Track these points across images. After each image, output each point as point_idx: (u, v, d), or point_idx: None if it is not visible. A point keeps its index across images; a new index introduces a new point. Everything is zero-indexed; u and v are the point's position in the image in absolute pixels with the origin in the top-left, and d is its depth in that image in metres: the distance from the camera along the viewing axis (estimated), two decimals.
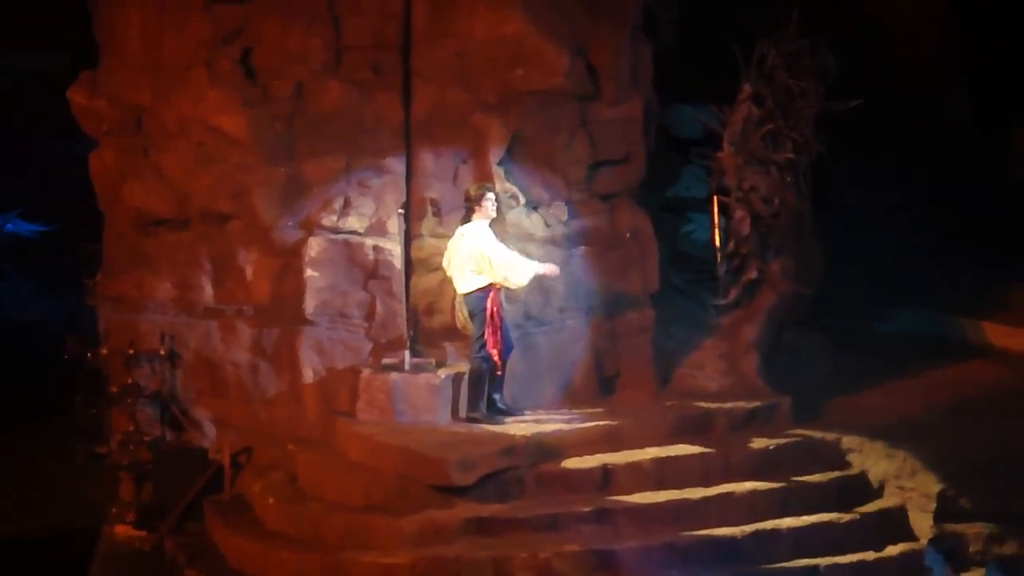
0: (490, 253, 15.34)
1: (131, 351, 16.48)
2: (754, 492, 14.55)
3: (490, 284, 15.38)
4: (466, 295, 15.53)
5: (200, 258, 16.55)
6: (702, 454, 15.04)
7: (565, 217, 16.60)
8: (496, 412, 15.45)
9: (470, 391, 15.51)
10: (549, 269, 15.63)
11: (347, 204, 16.12)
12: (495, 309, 15.36)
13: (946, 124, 21.80)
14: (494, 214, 15.63)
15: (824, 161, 18.71)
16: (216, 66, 16.25)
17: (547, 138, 16.45)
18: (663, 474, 14.74)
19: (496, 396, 15.54)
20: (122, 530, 15.98)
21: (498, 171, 16.16)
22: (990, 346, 19.37)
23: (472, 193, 15.65)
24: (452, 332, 15.93)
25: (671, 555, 13.66)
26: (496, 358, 15.35)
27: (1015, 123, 21.96)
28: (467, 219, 15.62)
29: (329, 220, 16.05)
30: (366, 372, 15.71)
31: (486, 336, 15.32)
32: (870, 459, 15.25)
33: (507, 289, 15.55)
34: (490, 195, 15.60)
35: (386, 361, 15.85)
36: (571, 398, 16.41)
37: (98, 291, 17.11)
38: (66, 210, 22.62)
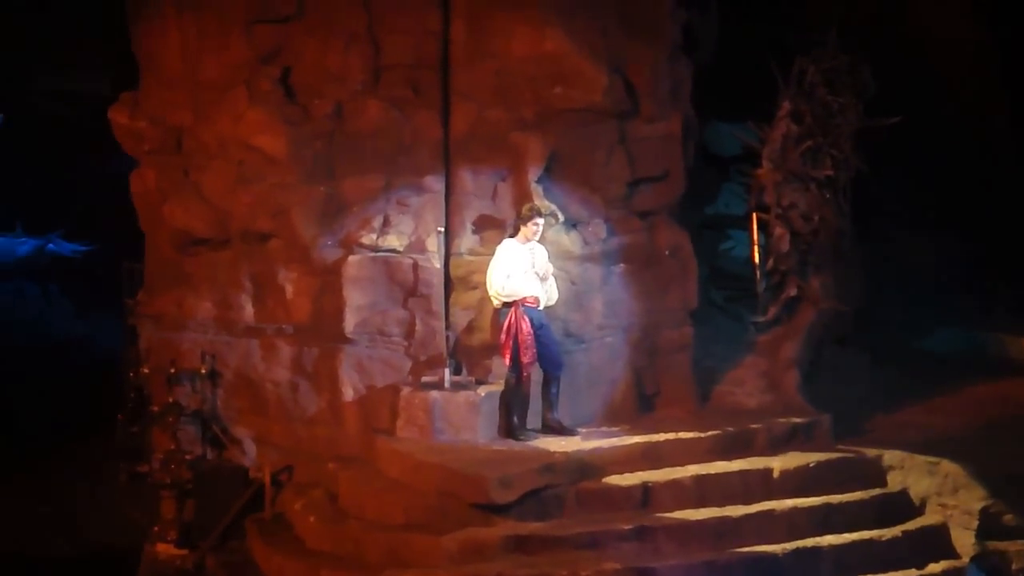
0: (490, 268, 15.45)
1: (172, 370, 16.52)
2: (795, 509, 14.51)
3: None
4: (496, 310, 15.60)
5: (240, 277, 16.59)
6: (742, 471, 15.01)
7: (604, 235, 16.57)
8: (551, 431, 15.46)
9: (499, 406, 15.54)
10: (531, 297, 15.46)
11: (386, 222, 16.13)
12: (518, 324, 15.28)
13: (985, 141, 21.71)
14: (534, 239, 15.58)
15: (863, 178, 18.66)
16: (256, 86, 16.32)
17: (586, 156, 16.45)
18: (703, 491, 14.73)
19: (551, 415, 15.56)
20: (163, 549, 15.98)
21: (536, 189, 16.14)
22: None
23: (522, 212, 15.62)
24: (492, 349, 15.92)
25: (711, 573, 13.66)
26: (523, 373, 15.36)
27: None
28: (512, 235, 15.62)
29: (368, 238, 16.06)
30: (406, 390, 15.73)
31: (508, 351, 15.33)
32: (911, 476, 15.20)
33: (547, 306, 15.58)
34: (538, 220, 15.50)
35: (426, 379, 15.88)
36: (611, 415, 16.35)
37: (139, 310, 17.21)
38: (107, 230, 22.75)
